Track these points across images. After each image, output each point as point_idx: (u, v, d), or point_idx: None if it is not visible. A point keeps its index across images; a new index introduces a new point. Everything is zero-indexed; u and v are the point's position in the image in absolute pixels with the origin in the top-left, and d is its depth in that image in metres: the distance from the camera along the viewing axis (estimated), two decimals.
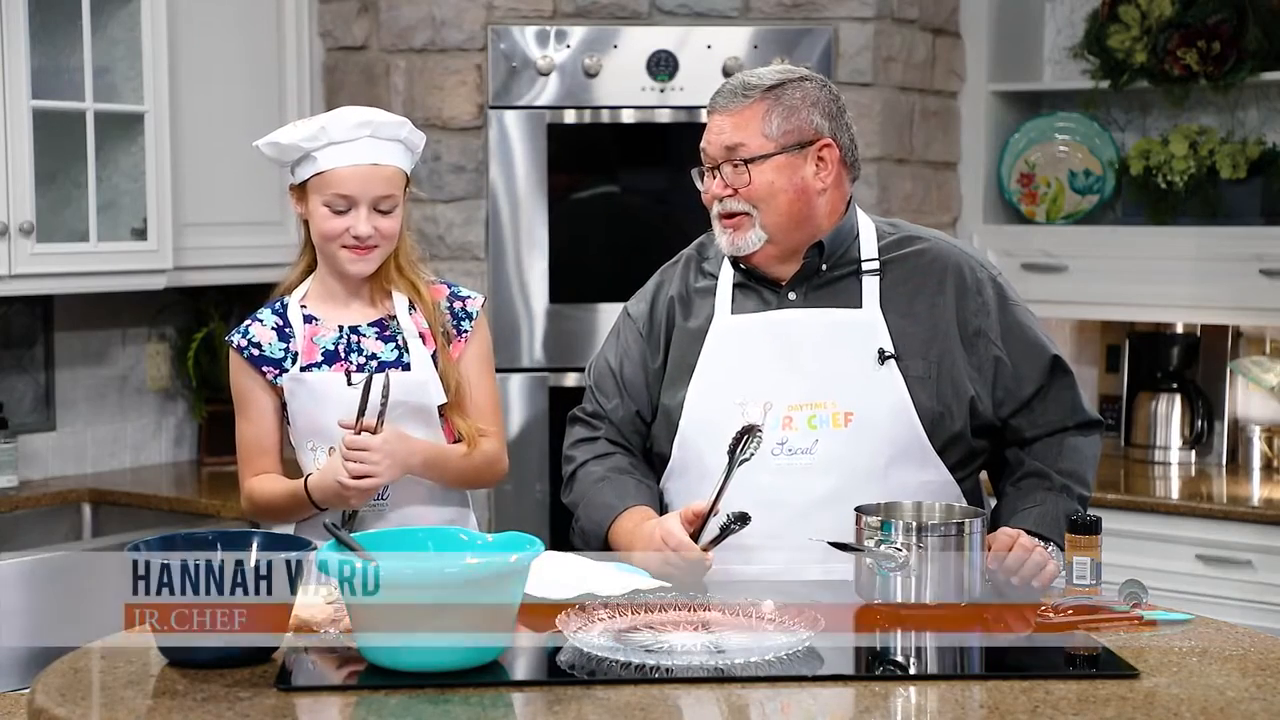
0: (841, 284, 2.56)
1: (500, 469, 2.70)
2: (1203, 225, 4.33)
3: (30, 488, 4.03)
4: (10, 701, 2.61)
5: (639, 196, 4.32)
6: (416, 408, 2.58)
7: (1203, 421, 4.42)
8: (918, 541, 2.17)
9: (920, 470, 2.50)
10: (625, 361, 2.66)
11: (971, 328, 2.55)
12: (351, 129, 2.56)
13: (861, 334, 2.52)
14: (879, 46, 4.21)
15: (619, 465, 2.62)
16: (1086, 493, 2.58)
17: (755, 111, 2.51)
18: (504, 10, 4.15)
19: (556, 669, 2.02)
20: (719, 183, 2.54)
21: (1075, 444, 2.60)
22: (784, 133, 2.51)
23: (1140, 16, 4.38)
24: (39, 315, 4.14)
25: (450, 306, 2.65)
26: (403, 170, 2.61)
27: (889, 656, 2.05)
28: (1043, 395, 2.58)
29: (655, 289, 2.70)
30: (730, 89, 2.55)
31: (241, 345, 2.62)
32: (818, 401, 2.48)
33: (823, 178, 2.54)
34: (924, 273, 2.57)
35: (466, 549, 2.18)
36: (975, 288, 2.57)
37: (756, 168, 2.50)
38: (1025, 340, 2.58)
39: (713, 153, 2.55)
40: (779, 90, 2.52)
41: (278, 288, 2.71)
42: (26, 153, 3.67)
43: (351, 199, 2.55)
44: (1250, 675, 2.02)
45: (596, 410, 2.68)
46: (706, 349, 2.56)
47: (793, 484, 2.46)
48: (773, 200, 2.51)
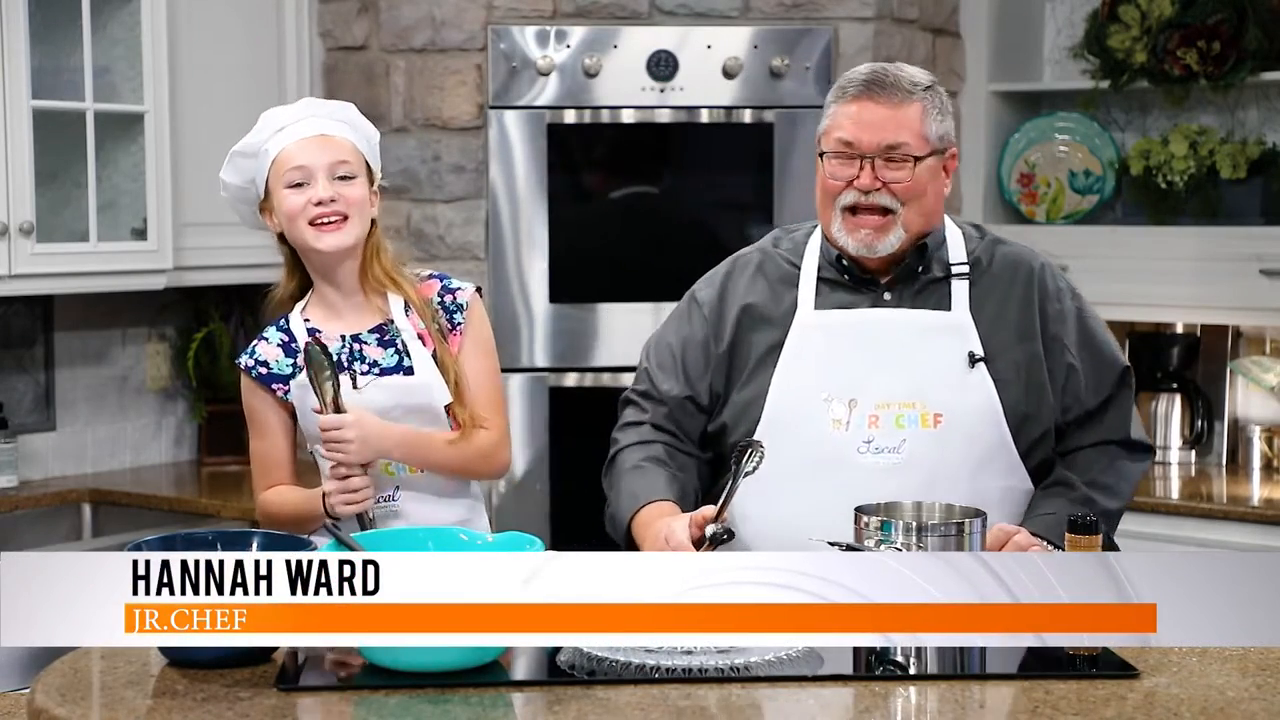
0: (932, 286, 2.56)
1: (498, 462, 2.67)
2: (1203, 225, 4.33)
3: (30, 488, 4.03)
4: (10, 701, 2.61)
5: (639, 197, 4.32)
6: (422, 410, 2.58)
7: (1203, 421, 4.42)
8: (918, 541, 2.17)
9: (1005, 476, 2.51)
10: (688, 345, 2.63)
11: (1050, 333, 2.56)
12: (294, 112, 2.60)
13: (951, 337, 2.51)
14: (879, 46, 4.21)
15: (656, 455, 2.60)
16: (1114, 506, 2.57)
17: (917, 109, 2.48)
18: (504, 10, 4.15)
19: (556, 669, 2.02)
20: (868, 174, 2.48)
21: (1117, 462, 2.60)
22: (938, 136, 2.50)
23: (1140, 16, 4.38)
24: (39, 315, 4.14)
25: (441, 301, 2.64)
26: (356, 147, 2.60)
27: (889, 656, 2.05)
28: (1103, 408, 2.60)
29: (725, 277, 2.66)
30: (882, 82, 2.48)
31: (250, 366, 2.63)
32: (906, 401, 2.48)
33: (947, 183, 2.55)
34: (1010, 278, 2.57)
35: (466, 549, 2.18)
36: (1055, 295, 2.58)
37: (918, 166, 2.48)
38: (1099, 352, 2.60)
39: (868, 143, 2.47)
40: (933, 91, 2.51)
41: (270, 305, 2.72)
42: (26, 153, 3.67)
43: (306, 169, 2.55)
44: (1250, 675, 2.02)
45: (649, 390, 2.65)
46: (790, 343, 2.54)
47: (879, 483, 2.43)
48: (920, 200, 2.49)
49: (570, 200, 4.19)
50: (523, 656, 2.08)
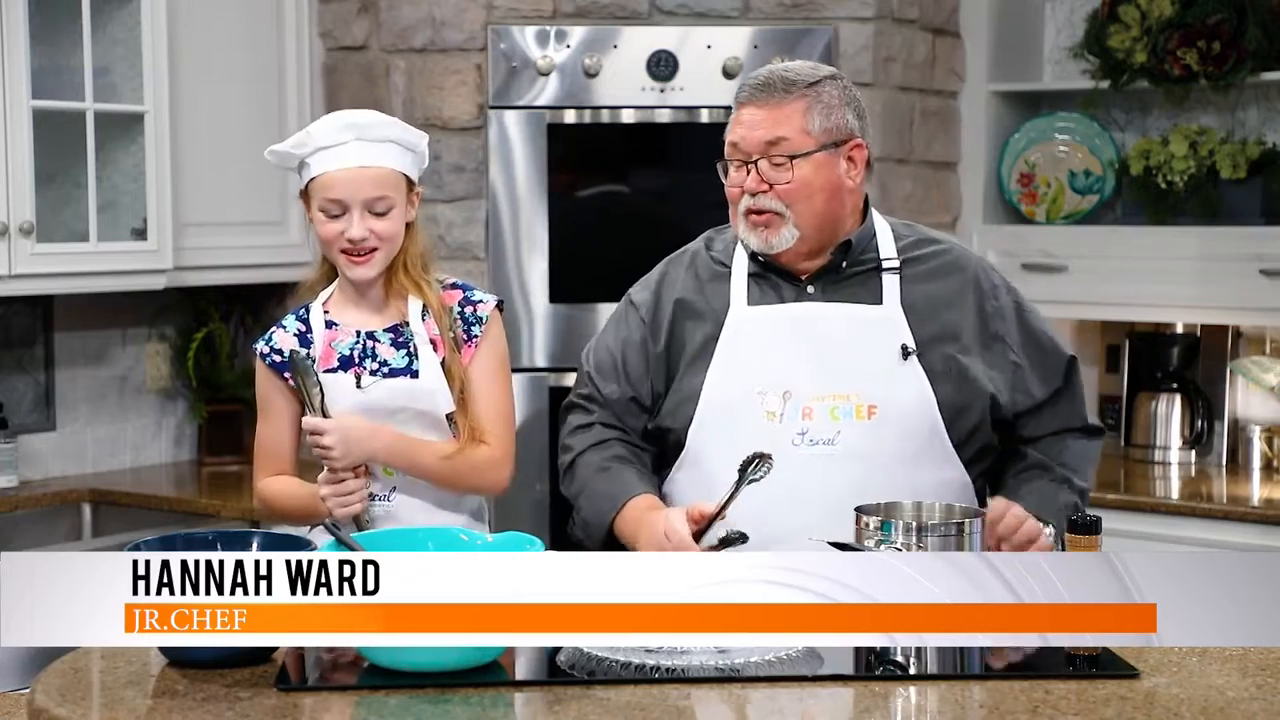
0: (861, 280, 2.58)
1: (495, 478, 2.64)
2: (1203, 225, 4.33)
3: (30, 488, 4.03)
4: (10, 701, 2.61)
5: (639, 196, 4.32)
6: (424, 415, 2.58)
7: (1203, 421, 4.42)
8: (918, 541, 2.17)
9: (940, 467, 2.52)
10: (626, 347, 2.65)
11: (989, 332, 2.58)
12: (336, 132, 2.55)
13: (883, 329, 2.53)
14: (879, 46, 4.21)
15: (618, 454, 2.62)
16: (1085, 485, 2.62)
17: (797, 107, 2.50)
18: (504, 10, 4.15)
19: (556, 669, 2.02)
20: (754, 178, 2.51)
21: (1079, 445, 2.65)
22: (824, 130, 2.51)
23: (1140, 16, 4.38)
24: (39, 315, 4.14)
25: (462, 311, 2.64)
26: (398, 171, 2.58)
27: (889, 656, 2.05)
28: (1055, 399, 2.63)
29: (660, 279, 2.69)
30: (768, 82, 2.52)
31: (265, 353, 2.63)
32: (840, 393, 2.49)
33: (853, 176, 2.55)
34: (943, 274, 2.60)
35: (466, 549, 2.19)
36: (991, 293, 2.60)
37: (797, 164, 2.49)
38: (1043, 347, 2.63)
39: (748, 146, 2.52)
40: (818, 87, 2.52)
41: (299, 291, 2.74)
42: (26, 153, 3.67)
43: (342, 203, 2.54)
44: (1250, 675, 2.02)
45: (592, 394, 2.68)
46: (724, 339, 2.56)
47: (816, 475, 2.46)
48: (809, 199, 2.51)
49: (570, 200, 4.19)
50: (523, 656, 2.08)
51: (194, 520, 3.83)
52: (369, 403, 2.56)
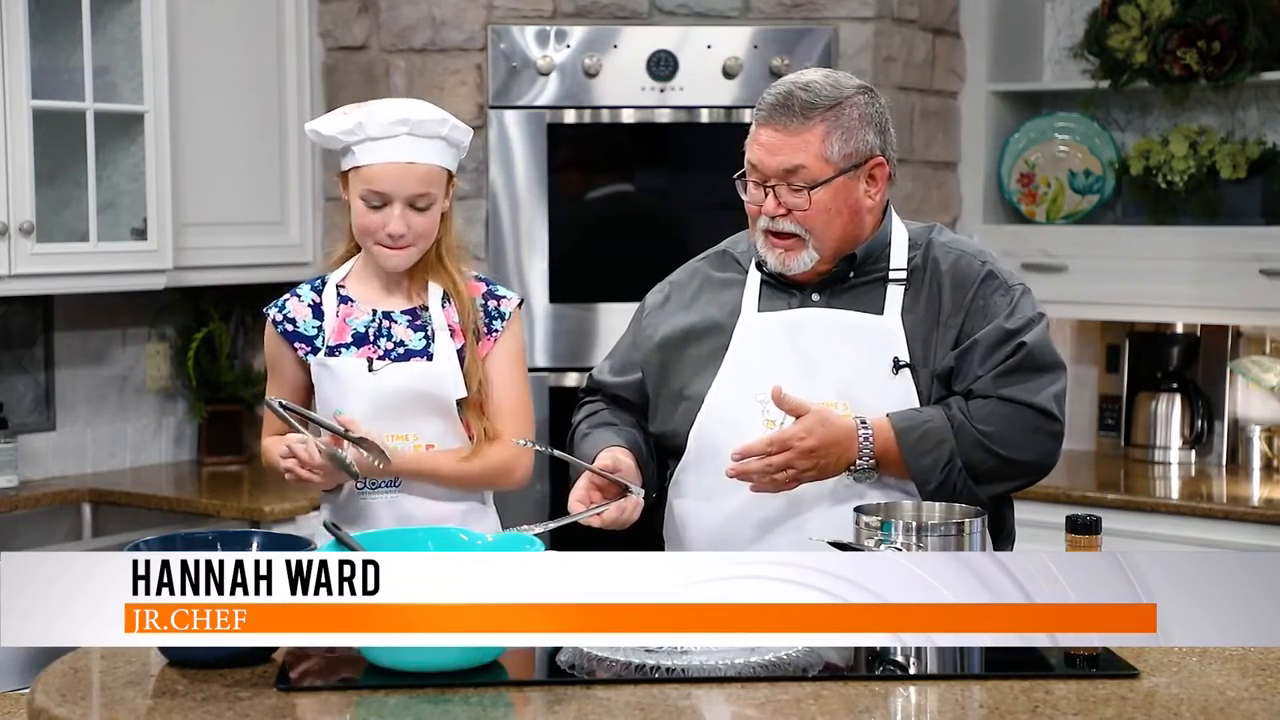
0: (866, 289, 2.55)
1: (517, 476, 2.69)
2: (1203, 225, 4.33)
3: (30, 488, 4.03)
4: (10, 701, 2.61)
5: (639, 196, 4.32)
6: (434, 399, 2.59)
7: (1203, 421, 4.42)
8: (918, 541, 2.17)
9: None
10: (638, 338, 2.68)
11: (965, 330, 2.50)
12: (388, 126, 2.55)
13: (879, 340, 2.50)
14: (879, 46, 4.21)
15: (601, 419, 2.65)
16: (996, 450, 2.44)
17: (816, 134, 2.46)
18: (504, 10, 4.15)
19: (556, 669, 2.02)
20: (772, 201, 2.48)
21: (1009, 409, 2.46)
22: (843, 156, 2.47)
23: (1140, 16, 4.38)
24: (39, 315, 4.14)
25: (485, 305, 2.66)
26: (442, 168, 2.60)
27: (889, 656, 2.05)
28: (1009, 374, 2.47)
29: (671, 286, 2.69)
30: (786, 105, 2.47)
31: (277, 320, 2.65)
32: (833, 403, 2.48)
33: (872, 194, 2.52)
34: (954, 287, 2.52)
35: (466, 549, 2.18)
36: (983, 311, 2.50)
37: (815, 192, 2.46)
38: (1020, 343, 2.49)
39: (765, 170, 2.48)
40: (838, 110, 2.47)
41: (328, 262, 2.75)
42: (26, 153, 3.67)
43: (386, 196, 2.55)
44: (1250, 675, 2.02)
45: (596, 384, 2.73)
46: (733, 345, 2.55)
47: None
48: (828, 225, 2.48)
49: (570, 200, 4.19)
50: (522, 656, 2.08)
51: (194, 520, 3.84)
52: (379, 386, 2.57)
